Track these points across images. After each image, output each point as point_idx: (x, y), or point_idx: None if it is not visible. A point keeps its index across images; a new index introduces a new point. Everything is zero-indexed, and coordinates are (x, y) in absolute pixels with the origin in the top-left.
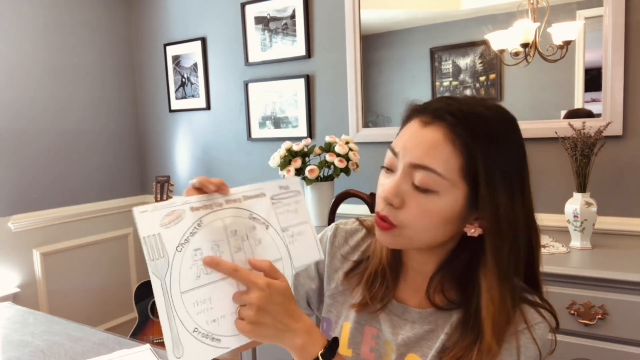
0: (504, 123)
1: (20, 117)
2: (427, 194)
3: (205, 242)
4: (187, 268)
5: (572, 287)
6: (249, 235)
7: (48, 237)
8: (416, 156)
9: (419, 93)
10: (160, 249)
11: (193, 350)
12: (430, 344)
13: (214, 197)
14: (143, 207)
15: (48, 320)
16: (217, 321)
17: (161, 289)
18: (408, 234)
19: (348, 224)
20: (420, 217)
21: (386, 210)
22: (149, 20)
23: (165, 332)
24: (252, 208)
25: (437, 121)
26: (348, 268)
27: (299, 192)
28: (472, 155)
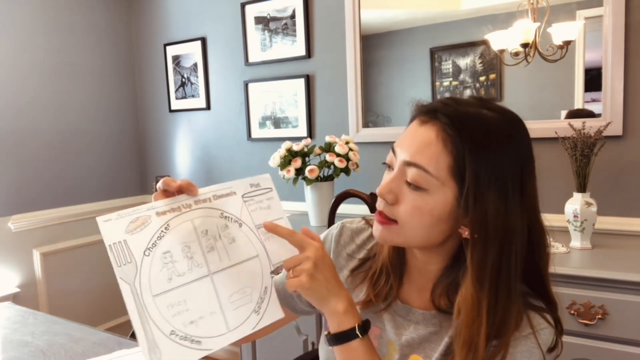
0: (504, 124)
1: (20, 117)
2: (418, 191)
3: (175, 244)
4: (157, 271)
5: (572, 287)
6: (221, 235)
7: (48, 237)
8: (409, 154)
9: (419, 93)
10: (127, 255)
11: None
12: (434, 346)
13: (181, 199)
14: (107, 215)
15: (48, 320)
16: (196, 322)
17: (131, 294)
18: (402, 231)
19: (354, 223)
20: (412, 214)
21: (382, 206)
22: (149, 20)
23: (140, 336)
24: (223, 207)
25: (432, 120)
26: (354, 266)
27: (271, 189)
28: (461, 156)
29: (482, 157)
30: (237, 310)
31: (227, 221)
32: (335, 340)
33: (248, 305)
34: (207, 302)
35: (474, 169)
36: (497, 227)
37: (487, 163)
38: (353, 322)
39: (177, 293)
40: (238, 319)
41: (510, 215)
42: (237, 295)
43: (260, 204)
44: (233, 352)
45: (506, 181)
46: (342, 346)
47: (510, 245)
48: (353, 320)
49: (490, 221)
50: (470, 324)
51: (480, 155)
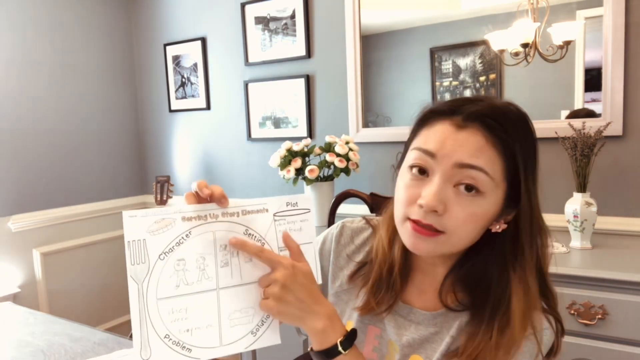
0: (525, 120)
1: (20, 117)
2: (474, 196)
3: (191, 253)
4: (167, 276)
5: (572, 287)
6: (239, 252)
7: (48, 237)
8: (463, 156)
9: (419, 93)
10: (142, 254)
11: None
12: (435, 346)
13: (210, 208)
14: (133, 211)
15: (48, 320)
16: (191, 331)
17: (137, 293)
18: (452, 240)
19: (355, 222)
20: (465, 221)
21: (430, 219)
22: (149, 20)
23: (135, 333)
24: (249, 224)
25: (472, 123)
26: (352, 270)
27: (308, 210)
28: (513, 157)
29: (526, 152)
30: (234, 327)
31: (249, 239)
32: (319, 358)
33: (247, 325)
34: (207, 314)
35: (525, 168)
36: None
37: (529, 156)
38: (334, 339)
39: (181, 300)
40: (233, 336)
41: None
42: (239, 314)
43: (292, 224)
44: None
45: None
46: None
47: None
48: (334, 336)
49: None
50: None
51: (527, 152)
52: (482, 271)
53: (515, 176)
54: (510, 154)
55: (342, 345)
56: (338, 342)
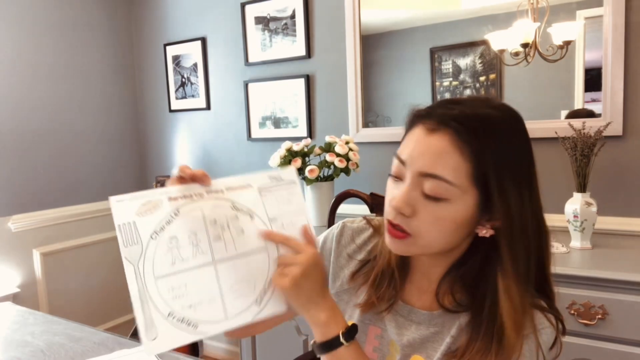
0: (510, 121)
1: (20, 117)
2: (437, 202)
3: (182, 230)
4: (161, 255)
5: (572, 287)
6: (230, 225)
7: (48, 237)
8: (424, 165)
9: (419, 93)
10: (134, 236)
11: (168, 333)
12: (436, 346)
13: (194, 188)
14: (120, 196)
15: (48, 320)
16: (194, 307)
17: (134, 274)
18: (422, 242)
19: (355, 222)
20: (432, 225)
21: (398, 219)
22: (149, 20)
23: (138, 315)
24: (235, 198)
25: (442, 128)
26: (354, 268)
27: (294, 182)
28: (481, 160)
29: (501, 159)
30: (238, 299)
31: (237, 212)
32: (322, 349)
33: (250, 296)
34: (208, 288)
35: (496, 172)
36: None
37: (505, 160)
38: (337, 330)
39: (179, 277)
40: (237, 307)
41: (526, 210)
42: (240, 285)
43: (279, 197)
44: (233, 353)
45: (520, 176)
46: (329, 354)
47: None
48: (337, 328)
49: (514, 216)
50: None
51: (498, 157)
52: (481, 272)
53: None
54: (478, 158)
55: (344, 336)
56: (340, 334)
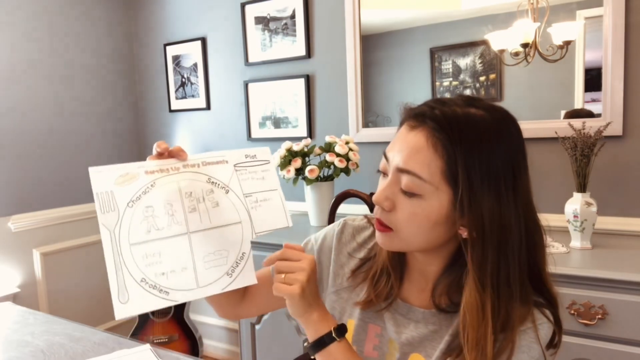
0: (493, 122)
1: (20, 117)
2: (413, 197)
3: (158, 200)
4: (137, 222)
5: (572, 287)
6: (205, 198)
7: (48, 237)
8: (401, 160)
9: (419, 93)
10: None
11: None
12: (435, 344)
13: (171, 163)
14: (99, 167)
15: (48, 320)
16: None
17: (110, 240)
18: (402, 237)
19: (356, 221)
20: (408, 220)
21: (379, 213)
22: (149, 20)
23: (112, 279)
24: (211, 173)
25: (421, 125)
26: (355, 266)
27: (268, 162)
28: (452, 159)
29: (473, 158)
30: (210, 270)
31: (213, 186)
32: (314, 348)
33: (222, 267)
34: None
35: (466, 171)
36: (493, 226)
37: (478, 163)
38: (328, 327)
39: (153, 245)
40: (209, 278)
41: (505, 214)
42: (213, 256)
43: (253, 174)
44: (233, 353)
45: (499, 180)
46: (322, 352)
47: (508, 244)
48: (328, 326)
49: (486, 221)
50: (477, 326)
51: (471, 156)
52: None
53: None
54: (450, 155)
55: (335, 332)
56: (332, 329)
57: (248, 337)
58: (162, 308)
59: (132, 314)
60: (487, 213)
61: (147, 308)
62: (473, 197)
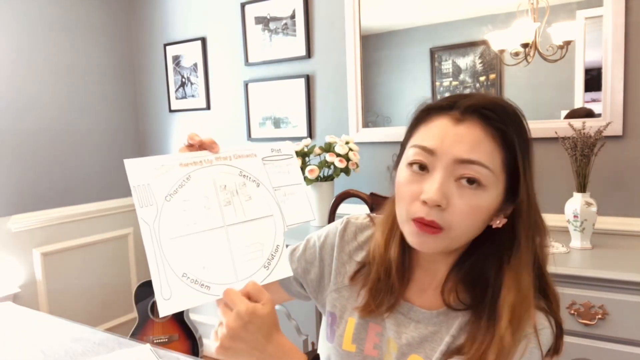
0: (520, 114)
1: (20, 117)
2: (475, 190)
3: (194, 194)
4: (176, 216)
5: (572, 287)
6: (239, 191)
7: (48, 237)
8: (462, 152)
9: (419, 93)
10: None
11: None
12: (434, 345)
13: (203, 155)
14: (134, 159)
15: (48, 320)
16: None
17: (150, 235)
18: (452, 235)
19: (359, 219)
20: (467, 214)
21: (433, 214)
22: (149, 20)
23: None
24: (242, 166)
25: (470, 117)
26: (353, 270)
27: (292, 156)
28: (512, 148)
29: (526, 147)
30: (248, 262)
31: (245, 180)
32: None
33: (258, 259)
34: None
35: (523, 160)
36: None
37: (529, 152)
38: None
39: (192, 239)
40: (247, 270)
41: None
42: (249, 249)
43: (279, 168)
44: None
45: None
46: None
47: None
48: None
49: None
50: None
51: (525, 145)
52: (482, 268)
53: (514, 168)
54: (509, 145)
55: None
56: None
57: None
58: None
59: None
60: (533, 200)
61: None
62: (529, 183)
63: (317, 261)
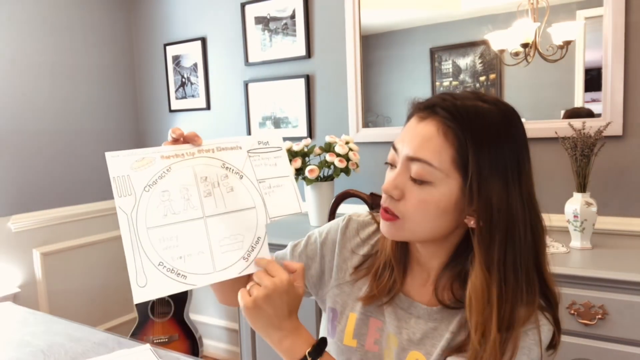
0: (500, 115)
1: (20, 117)
2: (423, 185)
3: (174, 185)
4: (154, 206)
5: (572, 287)
6: (220, 183)
7: (48, 237)
8: (411, 149)
9: (419, 93)
10: (128, 187)
11: (157, 281)
12: (435, 342)
13: (186, 148)
14: (116, 152)
15: (48, 320)
16: (184, 258)
17: (127, 223)
18: (409, 226)
19: (361, 216)
20: (417, 207)
21: (387, 202)
22: (149, 20)
23: (130, 263)
24: (225, 158)
25: (431, 115)
26: (357, 263)
27: (280, 148)
28: (463, 147)
29: (483, 147)
30: (226, 254)
31: (227, 172)
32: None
33: (238, 251)
34: (198, 241)
35: (476, 159)
36: (500, 213)
37: (488, 152)
38: (303, 351)
39: (170, 229)
40: (225, 262)
41: (512, 202)
42: (228, 240)
43: (266, 160)
44: (233, 353)
45: (505, 169)
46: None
47: (514, 231)
48: (302, 349)
49: (494, 208)
50: (482, 310)
51: (481, 145)
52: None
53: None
54: (461, 143)
55: (310, 355)
56: (306, 354)
57: (248, 337)
58: (161, 307)
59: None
60: (496, 200)
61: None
62: (483, 184)
63: (318, 257)
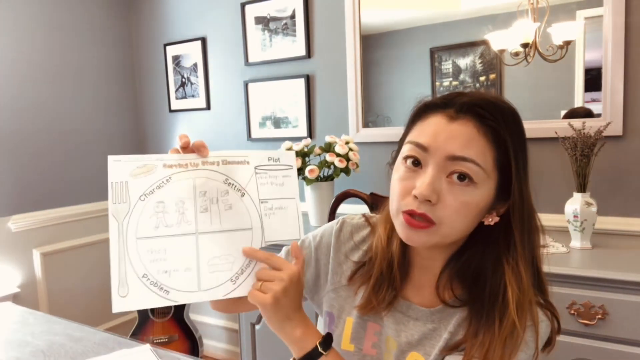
0: (515, 113)
1: (20, 117)
2: (466, 186)
3: (171, 196)
4: (147, 217)
5: (572, 287)
6: (219, 199)
7: (48, 237)
8: (454, 148)
9: (419, 93)
10: (124, 194)
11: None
12: (433, 342)
13: (191, 158)
14: (119, 156)
15: (48, 320)
16: (169, 273)
17: (117, 231)
18: (443, 231)
19: (355, 219)
20: (458, 210)
21: (424, 208)
22: (149, 20)
23: (114, 272)
24: (229, 173)
25: (464, 115)
26: (351, 270)
27: (291, 167)
28: (504, 146)
29: (519, 145)
30: (214, 274)
31: (229, 188)
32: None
33: (226, 272)
34: (186, 257)
35: (515, 157)
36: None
37: (521, 151)
38: (313, 342)
39: (160, 242)
40: (212, 282)
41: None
42: (218, 260)
43: (273, 178)
44: (233, 353)
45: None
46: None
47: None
48: (313, 340)
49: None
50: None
51: (518, 144)
52: (478, 265)
53: (507, 166)
54: (502, 143)
55: (321, 346)
56: (317, 344)
57: (248, 337)
58: (161, 307)
59: (129, 309)
60: (527, 198)
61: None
62: (521, 181)
63: (313, 261)
